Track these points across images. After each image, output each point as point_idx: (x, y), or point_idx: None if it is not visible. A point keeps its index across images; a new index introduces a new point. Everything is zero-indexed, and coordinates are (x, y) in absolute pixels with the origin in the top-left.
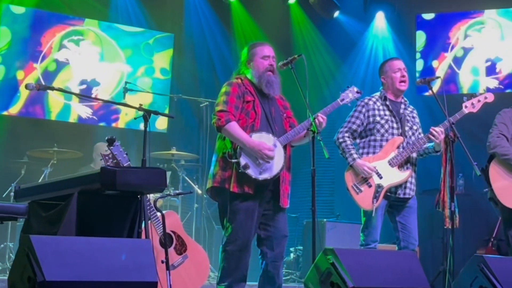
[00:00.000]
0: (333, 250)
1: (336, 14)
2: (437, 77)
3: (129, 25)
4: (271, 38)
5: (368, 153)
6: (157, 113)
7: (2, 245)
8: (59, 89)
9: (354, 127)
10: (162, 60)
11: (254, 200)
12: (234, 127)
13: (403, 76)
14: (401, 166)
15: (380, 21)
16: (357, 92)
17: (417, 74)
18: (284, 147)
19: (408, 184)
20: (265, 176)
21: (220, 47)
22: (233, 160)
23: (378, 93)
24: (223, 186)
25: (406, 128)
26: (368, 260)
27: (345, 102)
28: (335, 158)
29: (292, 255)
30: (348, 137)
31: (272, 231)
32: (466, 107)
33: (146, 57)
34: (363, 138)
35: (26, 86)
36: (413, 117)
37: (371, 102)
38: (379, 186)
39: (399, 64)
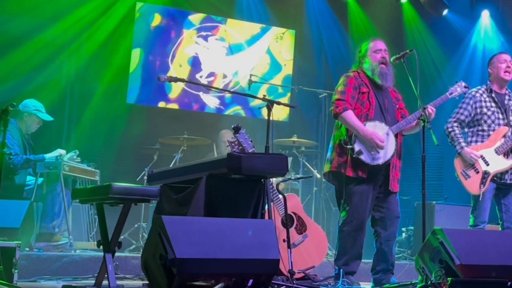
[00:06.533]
0: (441, 230)
1: (445, 12)
2: None
3: (254, 21)
4: (385, 35)
5: (476, 141)
6: (279, 103)
7: (136, 225)
8: (189, 81)
9: (462, 117)
10: (284, 54)
11: (368, 184)
12: (350, 115)
13: (508, 67)
14: (506, 154)
15: (485, 19)
16: (465, 87)
17: None
18: (396, 136)
19: None
20: (377, 162)
21: (337, 43)
22: (348, 146)
23: (484, 86)
24: (339, 171)
25: (511, 118)
26: (474, 239)
27: (453, 96)
28: (443, 144)
29: (404, 234)
30: (457, 126)
31: (385, 212)
32: None
33: (269, 52)
34: (471, 128)
35: (159, 78)
36: None
37: (478, 94)
38: (485, 173)
39: (506, 57)
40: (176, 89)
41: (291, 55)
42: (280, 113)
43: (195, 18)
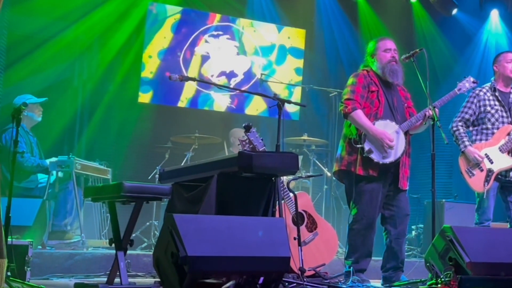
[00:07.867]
0: (451, 228)
1: (454, 11)
2: None
3: (264, 21)
4: (394, 34)
5: (480, 140)
6: (290, 102)
7: (147, 223)
8: (200, 80)
9: (467, 116)
10: (295, 53)
11: (378, 182)
12: (359, 115)
13: None
14: (510, 152)
15: (495, 18)
16: (473, 82)
17: None
18: (405, 134)
19: None
20: (388, 160)
21: (348, 42)
22: (358, 146)
23: (488, 84)
24: (349, 169)
25: None
26: (483, 236)
27: (462, 92)
28: (453, 143)
29: (413, 232)
30: (462, 126)
31: (395, 210)
32: None
33: (280, 51)
34: (476, 126)
35: (170, 77)
36: None
37: (481, 93)
38: (490, 171)
39: None
40: (187, 88)
41: (301, 54)
42: (291, 112)
43: (208, 18)
